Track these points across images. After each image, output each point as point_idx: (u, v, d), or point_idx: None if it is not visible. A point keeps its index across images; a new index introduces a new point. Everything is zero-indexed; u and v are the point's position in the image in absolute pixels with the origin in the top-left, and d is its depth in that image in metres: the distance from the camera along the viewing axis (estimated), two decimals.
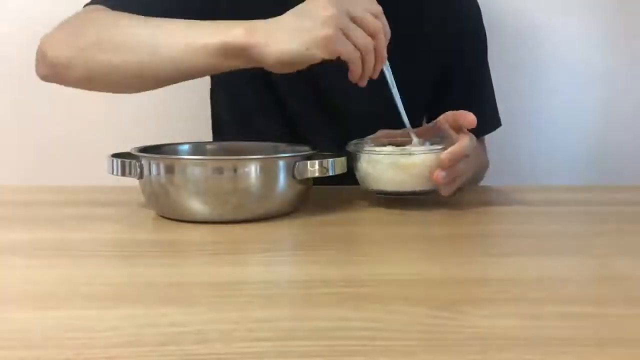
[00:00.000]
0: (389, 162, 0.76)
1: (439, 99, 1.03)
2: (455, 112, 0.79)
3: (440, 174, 0.74)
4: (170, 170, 0.70)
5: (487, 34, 1.06)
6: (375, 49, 0.69)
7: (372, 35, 0.69)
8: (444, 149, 0.75)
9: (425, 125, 0.84)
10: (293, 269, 0.56)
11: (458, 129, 0.79)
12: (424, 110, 1.06)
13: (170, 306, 0.45)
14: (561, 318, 0.44)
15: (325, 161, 0.72)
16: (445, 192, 0.76)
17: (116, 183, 0.81)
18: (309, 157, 0.73)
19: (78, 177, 1.10)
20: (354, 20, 0.68)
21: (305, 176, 0.71)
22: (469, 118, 0.76)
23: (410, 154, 0.76)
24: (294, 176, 0.71)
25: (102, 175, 0.74)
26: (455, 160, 0.74)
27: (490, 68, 1.07)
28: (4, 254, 0.60)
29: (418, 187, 0.77)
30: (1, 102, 1.24)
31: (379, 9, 0.70)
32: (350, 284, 0.51)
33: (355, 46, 0.68)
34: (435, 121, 0.82)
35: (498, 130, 1.06)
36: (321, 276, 0.53)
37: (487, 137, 1.10)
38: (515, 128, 1.25)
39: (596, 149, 1.31)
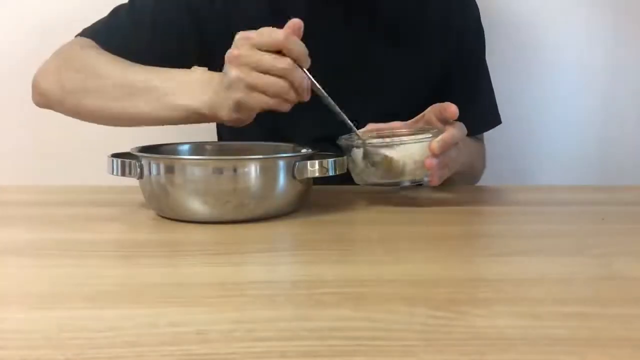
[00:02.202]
0: (381, 154, 0.76)
1: (439, 96, 1.02)
2: (440, 104, 0.79)
3: (432, 161, 0.73)
4: (170, 170, 0.70)
5: (487, 33, 1.06)
6: (293, 84, 0.68)
7: (282, 77, 0.67)
8: (433, 138, 0.75)
9: (414, 118, 0.84)
10: (293, 269, 0.56)
11: (445, 121, 0.79)
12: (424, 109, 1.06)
13: (170, 306, 0.45)
14: (561, 318, 0.44)
15: (325, 161, 0.72)
16: (434, 180, 0.76)
17: (116, 183, 0.81)
18: (309, 157, 0.73)
19: (78, 177, 1.10)
20: (258, 69, 0.67)
21: (305, 176, 0.71)
22: (451, 109, 0.76)
23: (400, 144, 0.76)
24: (294, 176, 0.71)
25: (102, 175, 0.74)
26: (445, 148, 0.74)
27: (490, 67, 1.07)
28: (4, 254, 0.60)
29: (410, 177, 0.77)
30: (1, 102, 1.24)
31: (280, 40, 0.67)
32: (350, 284, 0.51)
33: (271, 94, 0.68)
34: (422, 113, 0.82)
35: (498, 130, 1.06)
36: (321, 276, 0.53)
37: (487, 136, 1.10)
38: (515, 128, 1.25)
39: (596, 149, 1.31)
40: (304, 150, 0.77)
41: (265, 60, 0.66)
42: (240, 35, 0.69)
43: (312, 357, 0.38)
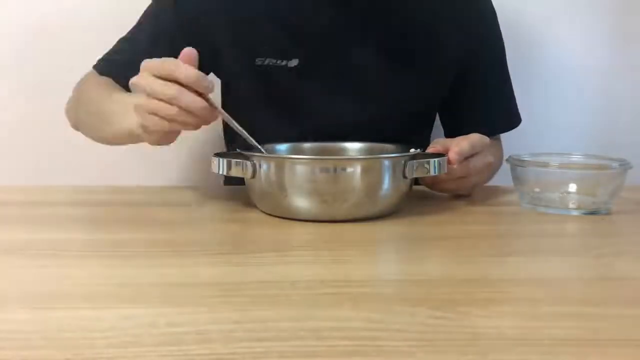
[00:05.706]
0: None
1: (453, 97, 1.02)
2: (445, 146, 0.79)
3: (453, 156, 0.76)
4: (281, 168, 0.71)
5: None
6: (185, 108, 0.68)
7: (168, 102, 0.68)
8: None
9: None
10: (293, 269, 0.56)
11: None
12: (438, 110, 1.06)
13: (170, 306, 0.45)
14: (561, 318, 0.44)
15: (427, 161, 0.72)
16: (459, 185, 0.80)
17: (115, 183, 0.81)
18: (413, 158, 0.73)
19: (78, 177, 1.10)
20: (152, 95, 0.69)
21: (413, 176, 0.72)
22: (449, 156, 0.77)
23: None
24: (405, 176, 0.72)
25: (102, 175, 0.74)
26: (462, 156, 0.76)
27: None
28: (4, 254, 0.59)
29: None
30: (1, 103, 1.24)
31: (171, 69, 0.68)
32: (350, 284, 0.51)
33: (166, 118, 0.69)
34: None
35: None
36: (321, 276, 0.53)
37: None
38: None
39: (596, 149, 1.31)
40: (412, 150, 0.76)
41: (156, 86, 0.68)
42: (143, 64, 0.71)
43: (311, 357, 0.38)
